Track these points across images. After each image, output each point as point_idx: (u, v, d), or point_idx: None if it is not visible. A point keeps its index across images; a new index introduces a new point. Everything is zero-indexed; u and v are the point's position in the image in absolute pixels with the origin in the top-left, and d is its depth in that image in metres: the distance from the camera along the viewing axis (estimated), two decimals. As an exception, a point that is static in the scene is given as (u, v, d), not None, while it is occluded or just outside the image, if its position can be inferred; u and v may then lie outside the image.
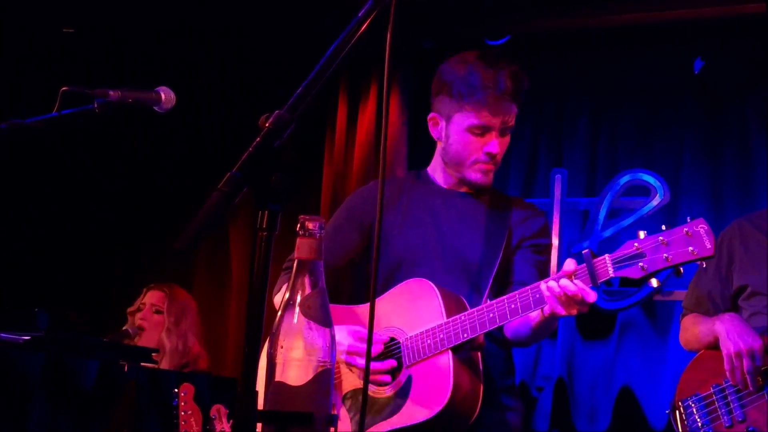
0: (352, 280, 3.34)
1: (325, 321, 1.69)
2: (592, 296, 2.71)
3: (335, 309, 3.12)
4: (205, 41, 5.79)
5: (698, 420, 3.40)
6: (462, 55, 3.16)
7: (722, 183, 5.05)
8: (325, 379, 1.66)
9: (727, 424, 3.34)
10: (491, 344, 3.06)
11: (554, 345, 5.10)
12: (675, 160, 5.15)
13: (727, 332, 3.38)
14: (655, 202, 5.01)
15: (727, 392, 3.37)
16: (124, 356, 3.94)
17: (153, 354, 4.26)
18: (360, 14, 1.81)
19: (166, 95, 2.58)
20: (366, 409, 2.84)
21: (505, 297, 2.85)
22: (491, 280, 3.06)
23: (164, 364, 4.74)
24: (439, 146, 3.21)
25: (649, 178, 5.04)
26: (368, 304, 3.07)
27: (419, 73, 5.38)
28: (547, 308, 2.79)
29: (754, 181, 4.98)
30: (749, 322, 3.50)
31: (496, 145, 3.08)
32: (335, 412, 2.99)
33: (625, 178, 5.09)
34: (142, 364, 4.04)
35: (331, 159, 5.70)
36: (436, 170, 3.26)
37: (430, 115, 3.19)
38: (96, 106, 2.51)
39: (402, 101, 5.52)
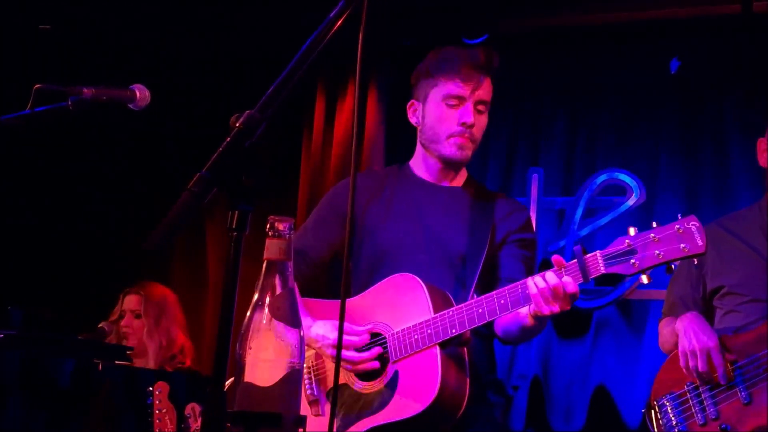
0: (335, 274, 3.35)
1: (294, 322, 1.69)
2: (572, 286, 2.73)
3: (316, 304, 3.14)
4: (181, 39, 5.77)
5: (673, 419, 3.42)
6: (439, 47, 3.24)
7: (698, 183, 5.08)
8: (294, 380, 1.66)
9: (700, 422, 3.36)
10: (475, 340, 3.06)
11: (530, 344, 5.11)
12: (651, 160, 5.17)
13: (685, 330, 3.41)
14: (632, 201, 5.04)
15: (701, 390, 3.39)
16: (99, 355, 3.93)
17: (131, 354, 4.26)
18: (332, 14, 1.81)
19: (141, 93, 2.57)
20: (337, 398, 2.84)
21: (494, 292, 2.85)
22: (478, 275, 3.07)
23: (151, 365, 4.75)
24: (418, 132, 3.24)
25: (625, 178, 5.06)
26: (351, 299, 3.10)
27: (397, 71, 5.39)
28: (531, 307, 2.79)
29: (729, 181, 5.01)
30: (724, 320, 3.53)
31: (470, 114, 3.10)
32: (319, 408, 3.00)
33: (602, 178, 5.11)
34: (117, 362, 4.03)
35: (308, 157, 5.69)
36: (417, 163, 3.28)
37: (409, 102, 3.24)
38: (70, 103, 2.49)
39: (380, 99, 5.52)
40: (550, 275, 2.75)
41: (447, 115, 3.13)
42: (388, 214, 3.21)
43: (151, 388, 3.81)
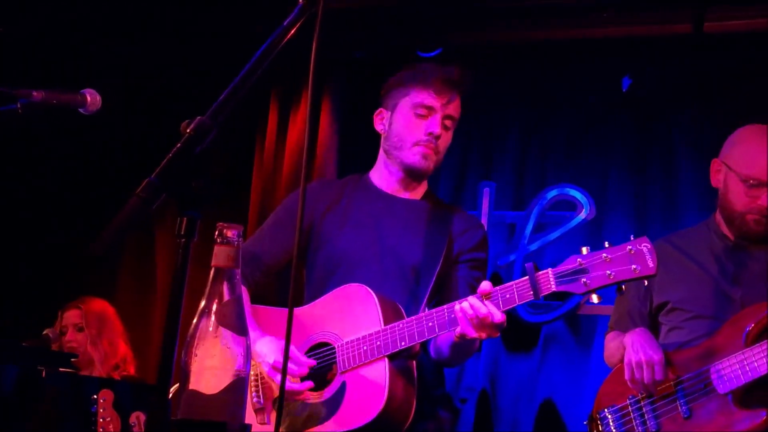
0: (287, 281, 3.33)
1: (241, 330, 1.68)
2: (498, 317, 2.74)
3: (265, 311, 3.13)
4: (135, 44, 5.73)
5: (614, 431, 3.46)
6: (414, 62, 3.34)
7: (647, 199, 5.13)
8: (239, 388, 1.65)
9: (640, 435, 3.41)
10: (424, 355, 3.07)
11: (478, 357, 5.12)
12: (601, 176, 5.21)
13: (632, 343, 3.46)
14: (582, 216, 5.07)
15: (642, 404, 3.44)
16: (43, 361, 3.88)
17: (76, 363, 4.20)
18: (285, 23, 1.81)
19: (92, 98, 2.54)
20: (283, 407, 2.83)
21: (444, 306, 2.86)
22: (431, 288, 3.07)
23: (96, 375, 4.71)
24: (382, 139, 3.25)
25: (575, 193, 5.10)
26: (302, 308, 3.09)
27: (351, 82, 5.40)
28: (458, 329, 2.80)
29: (677, 198, 5.06)
30: (668, 336, 3.58)
31: (437, 125, 3.14)
32: (265, 416, 2.99)
33: (553, 193, 5.15)
34: (61, 369, 3.98)
35: (260, 166, 5.67)
36: (378, 173, 3.29)
37: (377, 111, 3.29)
38: (19, 106, 2.46)
39: (333, 109, 5.51)
40: (473, 299, 2.76)
41: (415, 124, 3.16)
42: (344, 223, 3.21)
43: (95, 396, 3.77)
